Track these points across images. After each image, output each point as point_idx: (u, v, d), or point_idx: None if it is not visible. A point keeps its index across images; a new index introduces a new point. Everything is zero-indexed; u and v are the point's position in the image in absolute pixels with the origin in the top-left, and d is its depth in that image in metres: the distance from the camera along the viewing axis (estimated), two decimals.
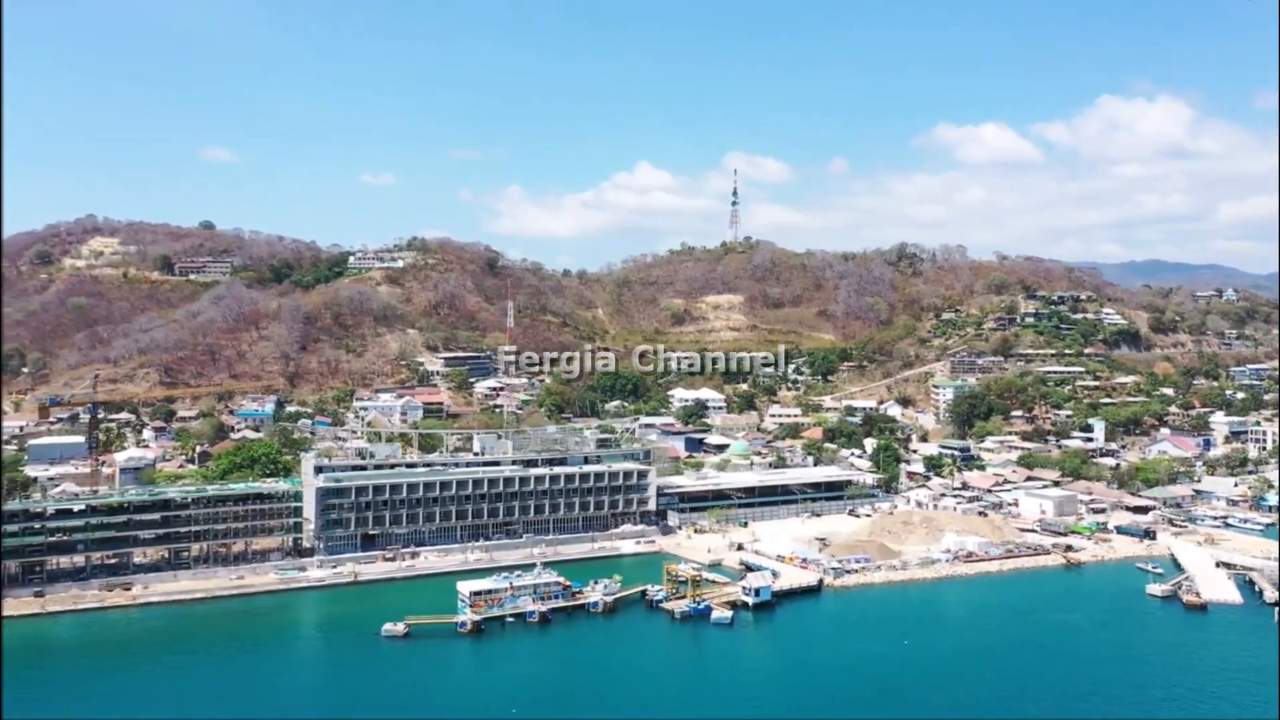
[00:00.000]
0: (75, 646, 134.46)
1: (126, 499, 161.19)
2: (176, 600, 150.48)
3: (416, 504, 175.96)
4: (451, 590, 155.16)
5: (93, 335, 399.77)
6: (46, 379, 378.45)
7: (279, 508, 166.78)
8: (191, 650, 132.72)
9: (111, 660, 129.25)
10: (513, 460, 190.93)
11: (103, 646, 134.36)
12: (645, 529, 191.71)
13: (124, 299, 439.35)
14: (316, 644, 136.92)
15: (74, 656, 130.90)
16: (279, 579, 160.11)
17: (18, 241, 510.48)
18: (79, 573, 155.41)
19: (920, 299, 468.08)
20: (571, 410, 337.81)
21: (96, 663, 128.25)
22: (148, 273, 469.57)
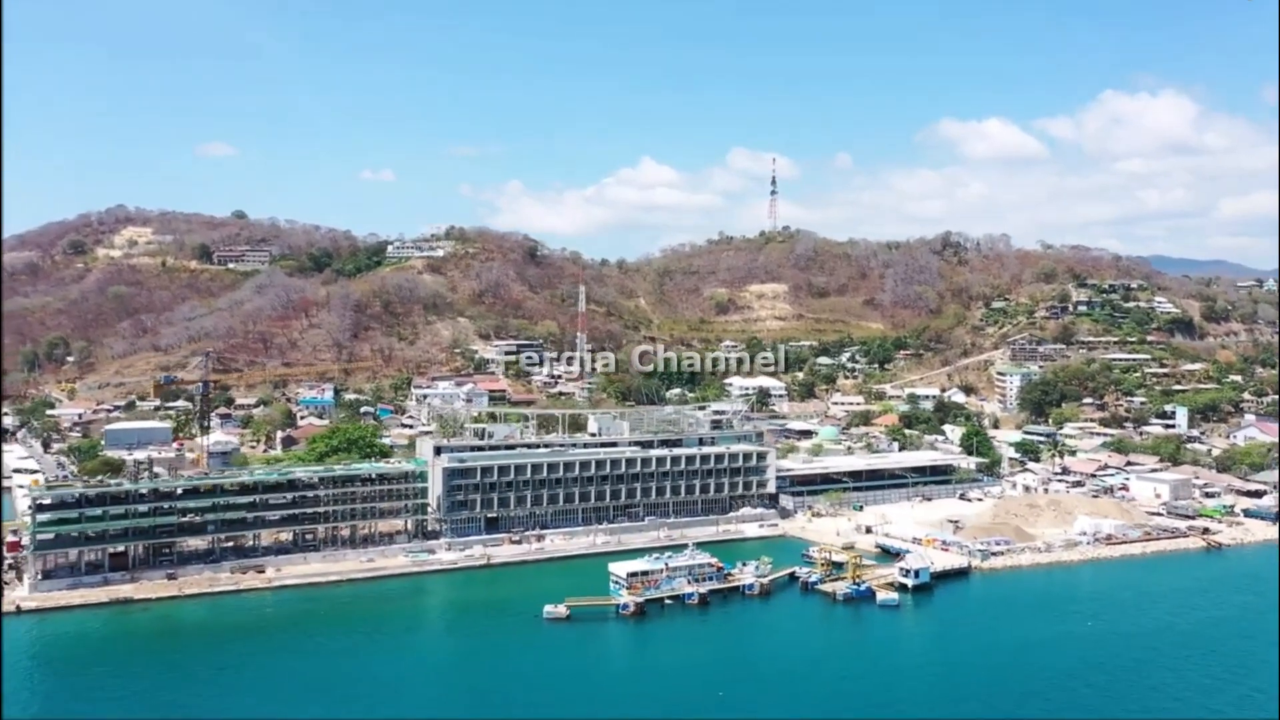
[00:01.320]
0: (225, 629, 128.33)
1: (255, 479, 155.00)
2: (312, 583, 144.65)
3: (540, 485, 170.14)
4: (586, 573, 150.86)
5: (137, 324, 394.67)
6: (93, 367, 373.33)
7: (404, 489, 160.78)
8: (352, 632, 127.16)
9: (272, 642, 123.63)
10: (630, 441, 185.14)
11: (257, 629, 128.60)
12: (764, 512, 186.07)
13: (164, 288, 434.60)
14: (480, 626, 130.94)
15: (230, 639, 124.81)
16: (410, 561, 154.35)
17: (50, 231, 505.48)
18: (207, 555, 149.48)
19: (969, 288, 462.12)
20: (634, 398, 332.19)
21: (259, 644, 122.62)
22: (186, 262, 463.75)
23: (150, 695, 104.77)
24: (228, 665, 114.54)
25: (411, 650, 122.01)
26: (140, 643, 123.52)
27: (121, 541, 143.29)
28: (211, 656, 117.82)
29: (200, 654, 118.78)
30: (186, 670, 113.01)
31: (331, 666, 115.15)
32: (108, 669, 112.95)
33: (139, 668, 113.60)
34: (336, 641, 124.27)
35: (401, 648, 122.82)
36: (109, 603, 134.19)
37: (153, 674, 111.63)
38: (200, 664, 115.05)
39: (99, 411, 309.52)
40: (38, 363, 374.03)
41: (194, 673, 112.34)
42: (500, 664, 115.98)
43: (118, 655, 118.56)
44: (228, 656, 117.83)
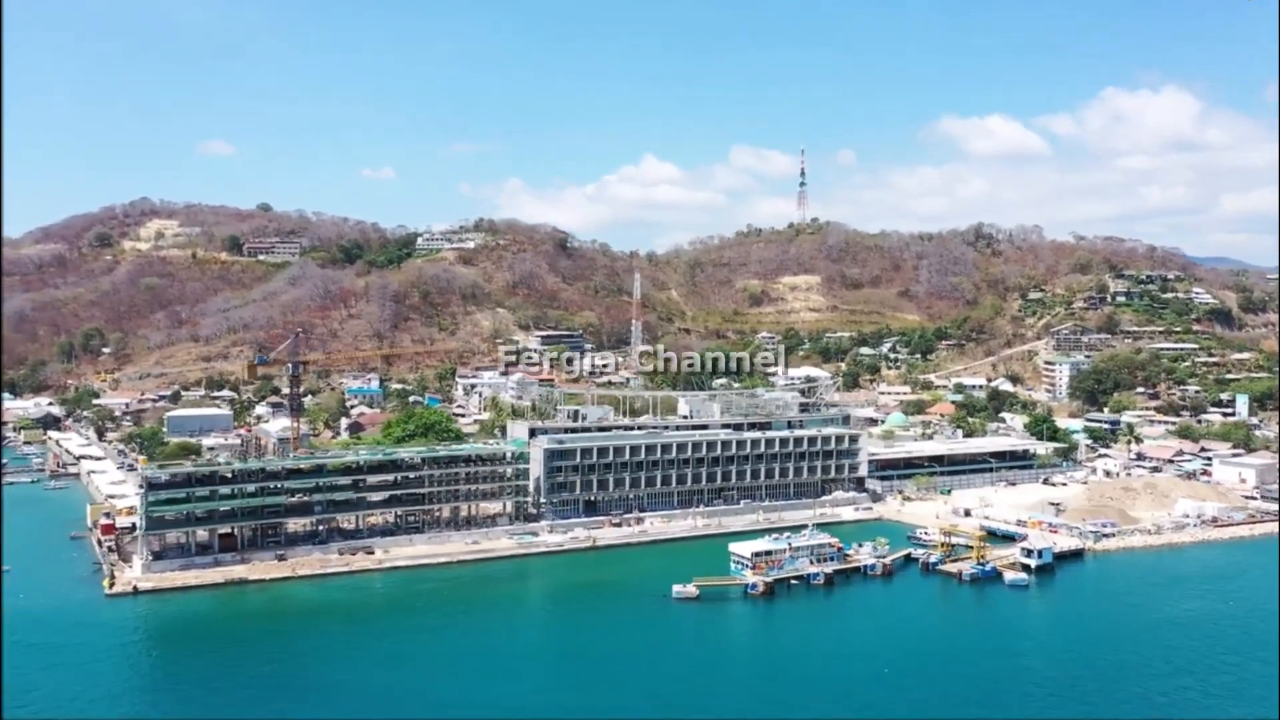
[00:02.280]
0: (345, 609, 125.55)
1: (360, 459, 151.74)
2: (422, 564, 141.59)
3: (638, 468, 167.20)
4: (694, 555, 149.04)
5: (172, 315, 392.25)
6: (129, 358, 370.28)
7: (506, 471, 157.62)
8: (478, 612, 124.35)
9: (399, 621, 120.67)
10: (721, 424, 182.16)
11: (379, 609, 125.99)
12: (855, 495, 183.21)
13: (195, 279, 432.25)
14: (611, 606, 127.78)
15: (355, 619, 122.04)
16: (516, 544, 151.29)
17: (75, 224, 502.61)
18: (313, 536, 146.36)
19: (1004, 279, 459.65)
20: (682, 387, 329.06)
21: (387, 623, 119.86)
22: (216, 253, 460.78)
23: (285, 675, 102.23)
24: (360, 644, 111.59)
25: (547, 628, 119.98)
26: (263, 623, 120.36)
27: (229, 522, 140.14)
28: (341, 636, 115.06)
29: (328, 633, 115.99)
30: (319, 649, 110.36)
31: (471, 644, 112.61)
32: (237, 649, 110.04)
33: (267, 647, 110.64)
34: (466, 620, 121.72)
35: (536, 626, 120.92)
36: (225, 583, 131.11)
37: (284, 653, 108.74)
38: (331, 643, 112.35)
39: (144, 401, 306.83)
40: (74, 353, 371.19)
41: (329, 650, 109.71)
42: (645, 642, 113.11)
43: (244, 635, 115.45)
44: (358, 635, 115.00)
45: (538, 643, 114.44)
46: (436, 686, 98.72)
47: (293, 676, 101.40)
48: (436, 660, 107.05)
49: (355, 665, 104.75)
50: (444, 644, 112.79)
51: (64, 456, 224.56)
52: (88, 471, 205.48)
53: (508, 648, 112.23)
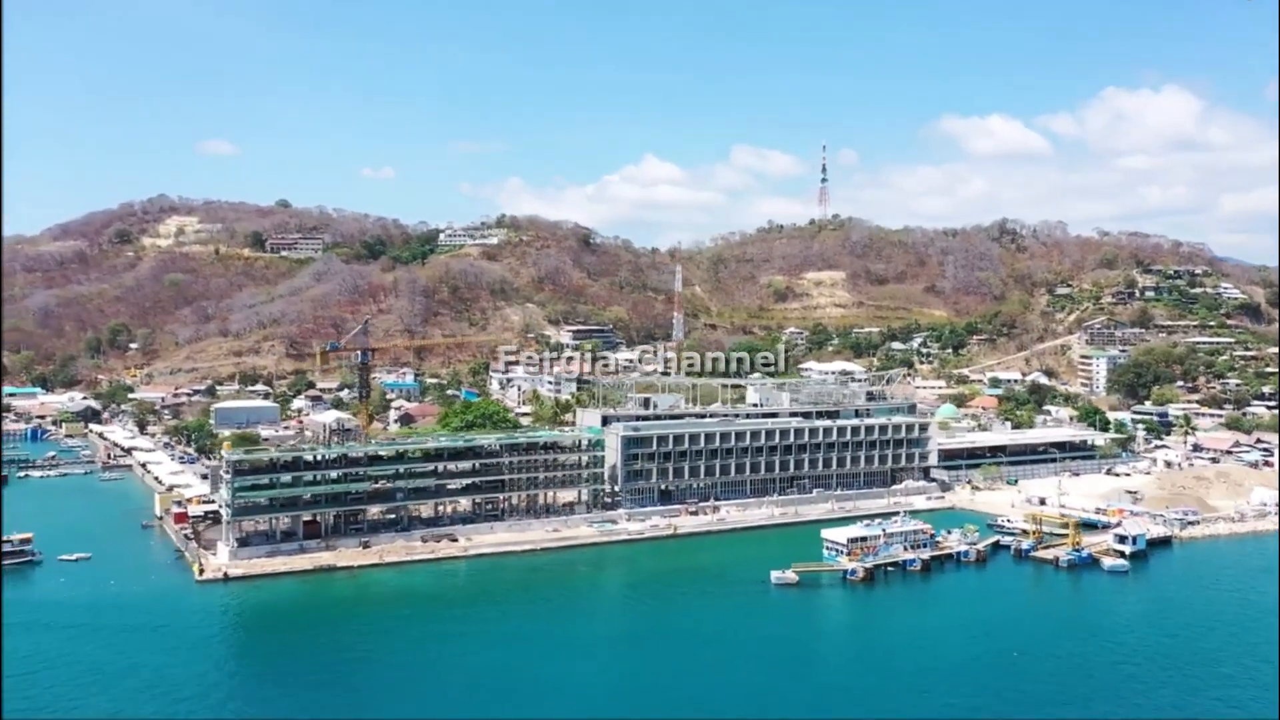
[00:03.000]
0: (439, 595, 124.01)
1: (441, 445, 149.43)
2: (506, 552, 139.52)
3: (712, 455, 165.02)
4: (777, 542, 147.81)
5: (198, 310, 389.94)
6: (156, 353, 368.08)
7: (583, 458, 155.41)
8: (577, 597, 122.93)
9: (498, 607, 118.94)
10: (789, 412, 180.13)
11: (475, 595, 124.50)
12: (925, 484, 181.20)
13: (219, 275, 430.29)
14: (711, 592, 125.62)
15: (451, 604, 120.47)
16: (598, 531, 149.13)
17: (94, 220, 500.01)
18: (394, 523, 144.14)
19: (1031, 274, 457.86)
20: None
21: (488, 609, 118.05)
22: (238, 249, 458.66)
23: (387, 659, 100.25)
24: (464, 628, 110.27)
25: (653, 613, 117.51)
26: (356, 609, 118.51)
27: (313, 509, 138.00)
28: (441, 620, 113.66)
29: (429, 617, 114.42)
30: (423, 633, 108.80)
31: (580, 629, 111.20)
32: (334, 633, 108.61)
33: (363, 632, 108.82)
34: (568, 605, 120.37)
35: (641, 611, 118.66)
36: (313, 570, 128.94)
37: (383, 638, 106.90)
38: (435, 627, 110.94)
39: (178, 395, 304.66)
40: (101, 348, 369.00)
41: (437, 633, 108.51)
42: (755, 627, 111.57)
43: (338, 620, 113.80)
44: (458, 620, 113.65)
45: (646, 627, 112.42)
46: (554, 668, 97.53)
47: (398, 661, 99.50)
48: (549, 642, 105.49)
49: (465, 648, 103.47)
50: (551, 627, 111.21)
51: (113, 449, 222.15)
52: (141, 463, 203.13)
53: (618, 631, 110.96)
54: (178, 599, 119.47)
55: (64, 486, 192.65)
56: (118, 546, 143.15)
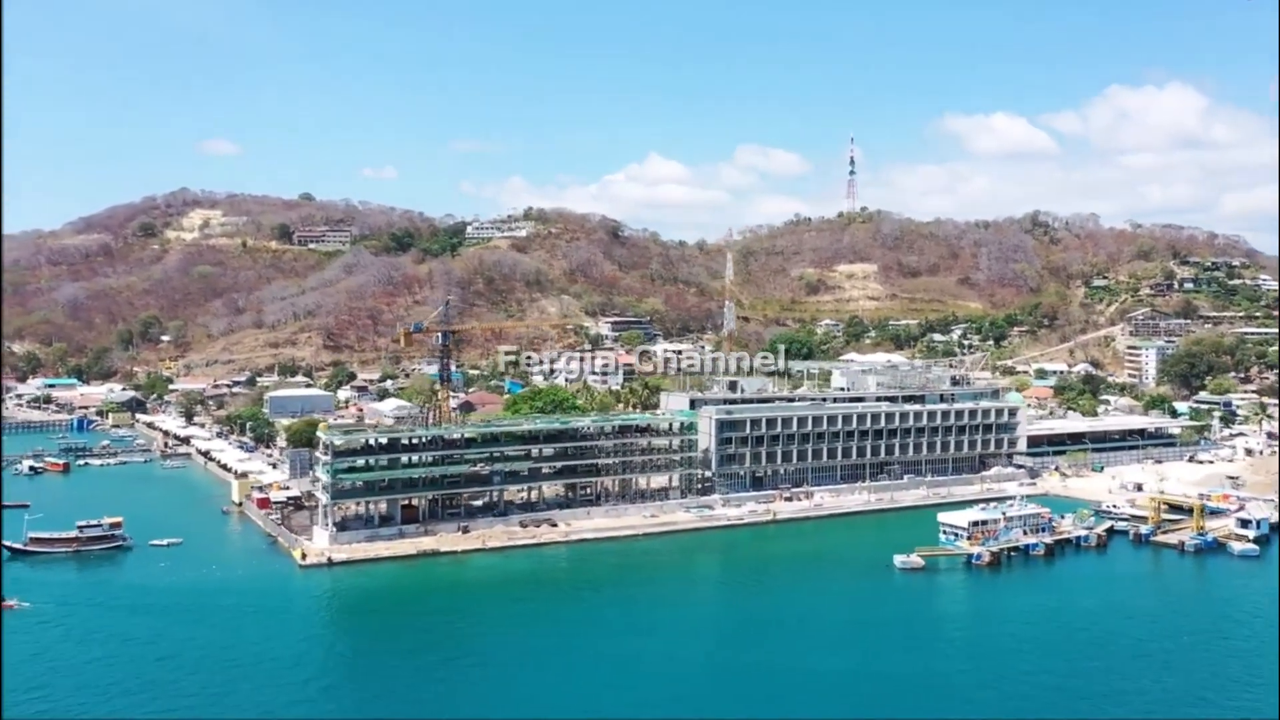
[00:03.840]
0: (547, 580, 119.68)
1: (536, 427, 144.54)
2: (606, 537, 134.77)
3: (804, 440, 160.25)
4: (879, 528, 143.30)
5: (229, 302, 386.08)
6: (189, 345, 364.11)
7: (677, 442, 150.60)
8: (696, 581, 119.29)
9: (608, 593, 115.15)
10: (875, 396, 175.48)
11: (581, 580, 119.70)
12: (1014, 470, 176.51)
13: (247, 268, 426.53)
14: (832, 576, 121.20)
15: (564, 589, 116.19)
16: (695, 517, 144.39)
17: (117, 214, 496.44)
18: (490, 508, 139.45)
19: (1066, 266, 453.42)
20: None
21: (604, 595, 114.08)
22: (265, 242, 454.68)
23: (500, 644, 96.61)
24: (576, 615, 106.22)
25: (778, 597, 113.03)
26: (465, 594, 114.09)
27: (411, 493, 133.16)
28: (549, 606, 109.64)
29: (537, 604, 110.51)
30: (533, 619, 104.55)
31: (704, 611, 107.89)
32: (448, 619, 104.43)
33: (478, 618, 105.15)
34: (684, 590, 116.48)
35: (765, 595, 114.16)
36: (416, 555, 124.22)
37: (495, 624, 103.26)
38: (543, 613, 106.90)
39: (219, 386, 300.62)
40: (133, 341, 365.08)
41: (544, 617, 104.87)
42: (890, 610, 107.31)
43: (450, 606, 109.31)
44: (570, 607, 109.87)
45: (776, 612, 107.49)
46: (687, 650, 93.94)
47: (511, 647, 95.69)
48: (673, 629, 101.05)
49: (581, 634, 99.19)
50: (673, 613, 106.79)
51: (170, 438, 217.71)
52: (202, 451, 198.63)
53: (746, 616, 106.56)
54: (284, 584, 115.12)
55: (126, 474, 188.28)
56: (204, 532, 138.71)
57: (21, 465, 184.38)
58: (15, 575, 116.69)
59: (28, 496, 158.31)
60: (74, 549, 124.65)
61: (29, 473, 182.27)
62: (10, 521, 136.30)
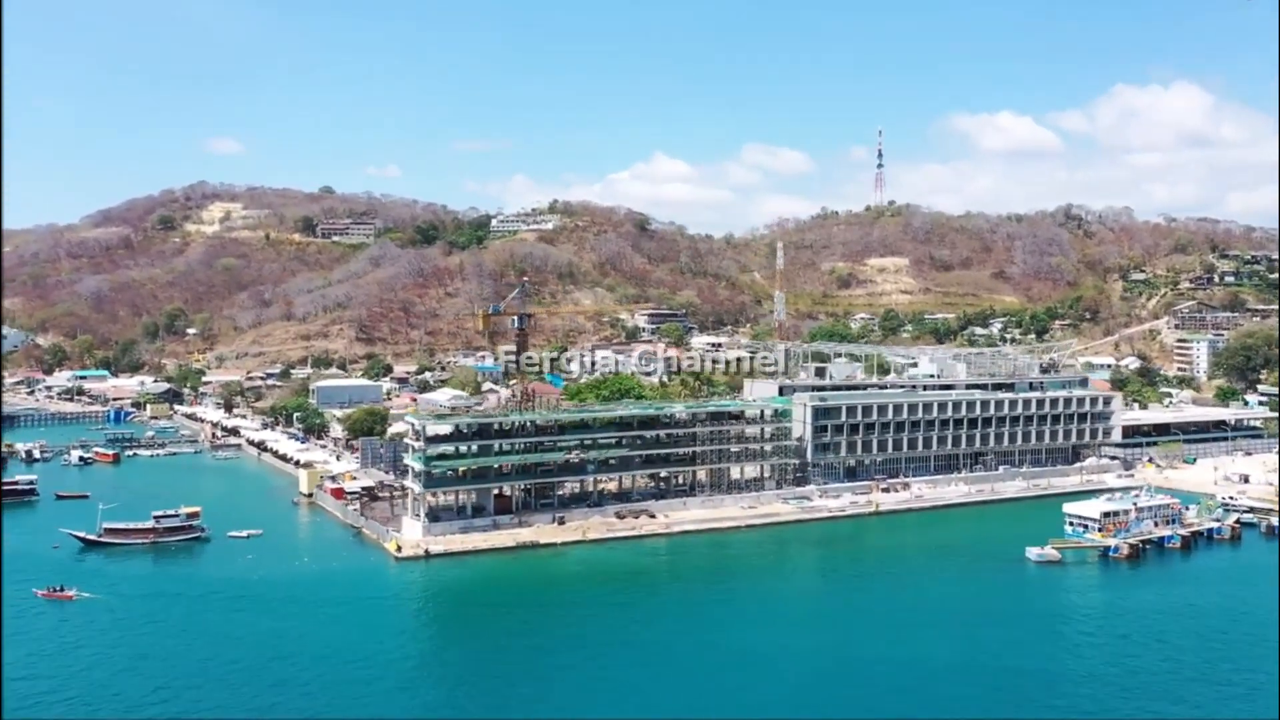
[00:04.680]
0: (660, 573, 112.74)
1: (630, 413, 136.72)
2: (707, 529, 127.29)
3: (899, 428, 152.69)
4: (985, 519, 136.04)
5: (255, 295, 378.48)
6: (215, 338, 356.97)
7: (765, 429, 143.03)
8: (819, 574, 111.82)
9: (729, 586, 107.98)
10: (965, 384, 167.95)
11: (696, 573, 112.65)
12: (1108, 462, 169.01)
13: (271, 260, 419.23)
14: (961, 569, 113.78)
15: (675, 581, 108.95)
16: (796, 508, 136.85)
17: (137, 207, 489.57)
18: (583, 497, 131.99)
19: (1103, 259, 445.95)
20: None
21: (720, 588, 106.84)
22: (288, 234, 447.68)
23: (613, 640, 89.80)
24: (692, 609, 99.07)
25: (910, 590, 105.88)
26: (569, 588, 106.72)
27: (504, 481, 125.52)
28: (662, 599, 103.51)
29: (648, 598, 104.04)
30: (646, 613, 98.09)
31: (837, 603, 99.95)
32: (554, 613, 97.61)
33: (583, 613, 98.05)
34: (806, 582, 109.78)
35: (892, 591, 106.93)
36: (515, 547, 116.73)
37: (606, 619, 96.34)
38: (654, 606, 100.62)
39: (252, 378, 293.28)
40: (158, 333, 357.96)
41: (656, 611, 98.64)
42: (1038, 605, 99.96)
43: (556, 601, 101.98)
44: (685, 601, 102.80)
45: (912, 605, 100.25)
46: (821, 644, 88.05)
47: (634, 643, 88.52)
48: (800, 623, 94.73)
49: (704, 628, 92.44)
50: (795, 605, 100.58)
51: (217, 429, 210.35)
52: (255, 442, 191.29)
53: (883, 609, 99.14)
54: (382, 577, 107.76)
55: (177, 465, 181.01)
56: (279, 523, 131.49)
57: (71, 456, 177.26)
58: (92, 567, 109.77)
59: (84, 487, 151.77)
60: (151, 540, 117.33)
61: (79, 463, 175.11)
62: (74, 512, 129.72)
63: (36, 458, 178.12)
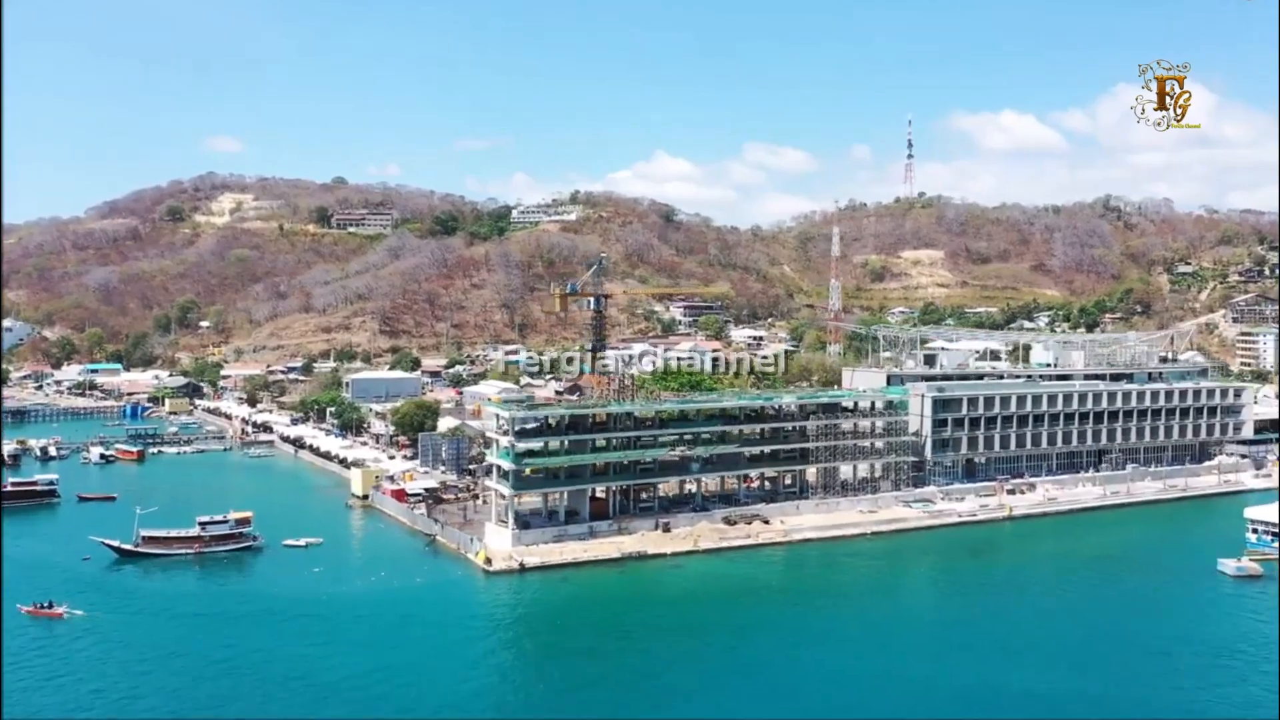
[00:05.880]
0: (797, 589, 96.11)
1: (738, 403, 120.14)
2: (831, 537, 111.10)
3: (1022, 423, 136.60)
4: (1126, 524, 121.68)
5: (270, 287, 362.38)
6: (230, 331, 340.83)
7: (876, 424, 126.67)
8: (972, 589, 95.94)
9: (884, 603, 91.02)
10: (1083, 375, 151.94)
11: (837, 589, 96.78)
12: (1238, 460, 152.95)
13: (285, 252, 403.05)
14: (1157, 583, 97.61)
15: (820, 600, 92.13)
16: (921, 513, 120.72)
17: (144, 198, 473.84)
18: (686, 500, 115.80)
19: (1146, 251, 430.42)
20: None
21: (878, 605, 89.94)
22: (303, 225, 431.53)
23: (773, 668, 73.48)
24: (843, 631, 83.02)
25: (1092, 611, 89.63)
26: (695, 606, 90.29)
27: (599, 481, 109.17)
28: (804, 620, 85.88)
29: (792, 617, 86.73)
30: (796, 636, 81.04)
31: (1002, 632, 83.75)
32: (687, 638, 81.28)
33: (719, 636, 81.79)
34: (961, 602, 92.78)
35: (1066, 608, 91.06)
36: (620, 558, 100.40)
37: (752, 641, 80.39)
38: (799, 627, 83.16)
39: (272, 371, 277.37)
40: (170, 326, 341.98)
41: (803, 634, 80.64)
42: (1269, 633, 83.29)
43: (685, 623, 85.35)
44: (832, 621, 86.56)
45: (1113, 629, 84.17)
46: (1028, 682, 70.69)
47: (790, 671, 72.51)
48: (973, 647, 78.68)
49: (863, 654, 76.03)
50: (970, 629, 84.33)
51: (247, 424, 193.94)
52: (286, 438, 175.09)
53: (1070, 634, 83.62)
54: (475, 594, 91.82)
55: (206, 463, 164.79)
56: (336, 529, 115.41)
57: (90, 453, 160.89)
58: (129, 583, 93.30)
59: (109, 488, 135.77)
60: (197, 549, 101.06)
61: (100, 461, 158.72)
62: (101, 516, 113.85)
63: (53, 455, 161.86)
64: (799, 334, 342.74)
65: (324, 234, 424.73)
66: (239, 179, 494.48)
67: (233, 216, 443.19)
